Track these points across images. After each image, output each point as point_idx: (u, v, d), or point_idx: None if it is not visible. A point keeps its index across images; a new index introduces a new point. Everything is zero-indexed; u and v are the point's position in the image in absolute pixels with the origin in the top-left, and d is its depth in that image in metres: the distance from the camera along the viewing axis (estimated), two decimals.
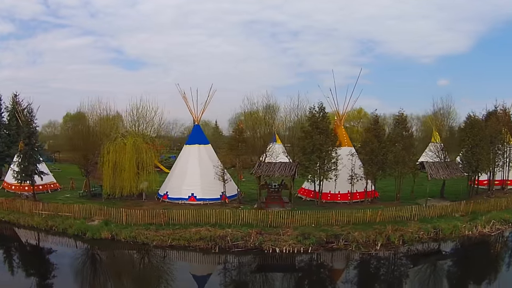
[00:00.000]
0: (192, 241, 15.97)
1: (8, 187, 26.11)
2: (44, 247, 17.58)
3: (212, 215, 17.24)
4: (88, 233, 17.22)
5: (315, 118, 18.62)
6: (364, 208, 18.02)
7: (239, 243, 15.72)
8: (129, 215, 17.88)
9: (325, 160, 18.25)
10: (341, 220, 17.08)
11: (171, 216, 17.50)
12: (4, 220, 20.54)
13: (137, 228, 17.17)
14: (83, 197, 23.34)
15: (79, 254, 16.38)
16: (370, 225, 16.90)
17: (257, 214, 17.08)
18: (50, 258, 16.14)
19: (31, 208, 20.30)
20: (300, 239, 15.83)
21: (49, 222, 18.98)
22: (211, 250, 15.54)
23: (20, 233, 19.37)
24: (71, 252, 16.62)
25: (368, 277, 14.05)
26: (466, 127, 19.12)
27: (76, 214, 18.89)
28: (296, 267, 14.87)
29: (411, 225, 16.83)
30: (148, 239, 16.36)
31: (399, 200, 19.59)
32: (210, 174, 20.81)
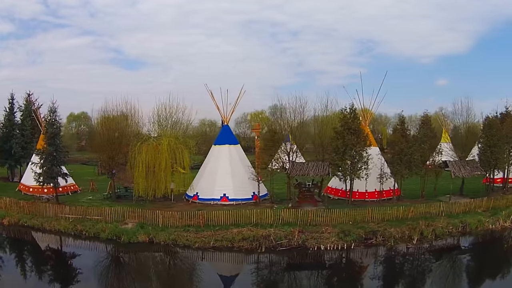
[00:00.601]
0: (235, 242, 15.97)
1: (25, 190, 24.98)
2: (80, 253, 16.57)
3: (252, 215, 17.31)
4: (124, 237, 16.60)
5: (347, 119, 19.45)
6: (394, 205, 18.83)
7: (283, 242, 15.98)
8: (165, 217, 17.62)
9: (356, 160, 19.06)
10: (375, 217, 17.81)
11: (210, 217, 17.51)
12: (27, 225, 19.57)
13: (175, 230, 16.91)
14: (108, 199, 22.68)
15: (121, 259, 15.91)
16: (403, 221, 17.63)
17: (297, 213, 17.42)
18: (90, 264, 15.11)
19: (56, 211, 19.42)
20: (341, 236, 16.31)
21: (78, 226, 18.14)
22: (257, 250, 15.60)
23: (48, 238, 18.43)
24: (110, 257, 16.10)
25: (415, 269, 14.82)
26: (484, 127, 20.68)
27: (107, 217, 18.24)
28: (343, 263, 15.30)
29: (440, 220, 17.82)
30: (189, 241, 16.14)
31: (424, 197, 20.71)
32: (241, 174, 20.97)
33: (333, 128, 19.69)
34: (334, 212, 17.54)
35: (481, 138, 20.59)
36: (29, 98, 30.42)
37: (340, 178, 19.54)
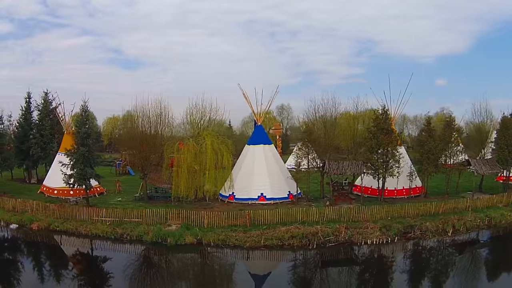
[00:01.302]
0: (285, 240, 16.45)
1: (49, 192, 24.26)
2: (129, 257, 16.21)
3: (298, 214, 17.92)
4: (171, 239, 16.52)
5: (379, 120, 20.54)
6: (426, 201, 20.06)
7: (331, 238, 16.82)
8: (211, 217, 18.02)
9: (389, 158, 20.22)
10: (410, 212, 18.91)
11: (256, 216, 18.00)
12: (59, 230, 18.92)
13: (222, 230, 17.24)
14: (140, 200, 22.50)
15: (174, 262, 15.95)
16: (435, 216, 18.79)
17: (340, 211, 18.37)
18: (146, 268, 15.22)
19: (91, 214, 18.93)
20: (383, 230, 17.26)
21: (118, 230, 17.77)
22: (308, 246, 16.23)
23: (87, 243, 17.96)
24: (163, 260, 16.08)
25: (461, 258, 16.19)
26: (501, 127, 22.34)
27: (148, 219, 18.10)
28: (392, 255, 16.24)
29: (468, 215, 19.25)
30: (239, 241, 16.43)
31: (448, 194, 22.15)
32: (277, 173, 21.52)
33: (366, 129, 20.71)
34: (374, 209, 18.53)
35: (498, 138, 22.26)
36: (46, 97, 29.66)
37: (373, 176, 20.62)
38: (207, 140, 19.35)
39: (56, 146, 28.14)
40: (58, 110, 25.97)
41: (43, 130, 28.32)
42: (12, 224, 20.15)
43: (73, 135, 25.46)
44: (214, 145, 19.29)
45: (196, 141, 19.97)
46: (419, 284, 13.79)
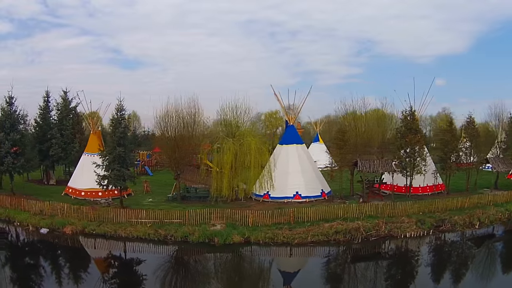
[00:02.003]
0: (330, 236, 17.39)
1: (75, 194, 23.89)
2: (184, 259, 16.58)
3: (339, 210, 18.90)
4: (218, 238, 16.88)
5: (407, 120, 21.87)
6: (451, 197, 21.53)
7: (372, 232, 18.03)
8: (256, 216, 18.71)
9: (416, 156, 21.61)
10: (439, 207, 20.26)
11: (299, 214, 18.78)
12: (95, 233, 18.50)
13: (268, 228, 17.89)
14: (174, 200, 22.72)
15: (232, 261, 16.35)
16: (461, 210, 20.31)
17: (378, 207, 19.54)
18: (201, 269, 15.61)
19: (129, 216, 18.79)
20: (418, 224, 18.66)
21: (161, 231, 17.76)
22: (353, 241, 17.27)
23: (131, 247, 17.61)
24: (218, 260, 16.45)
25: (493, 247, 17.83)
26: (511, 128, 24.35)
27: (191, 220, 18.30)
28: (433, 246, 17.71)
29: (491, 209, 20.97)
30: (286, 238, 17.14)
31: (469, 190, 23.83)
32: (310, 172, 22.45)
33: (396, 129, 21.99)
34: (407, 205, 19.81)
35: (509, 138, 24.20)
36: (65, 96, 29.08)
37: (402, 174, 21.98)
38: (250, 140, 19.91)
39: (78, 146, 27.87)
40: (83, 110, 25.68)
41: (64, 130, 27.73)
42: (42, 228, 19.64)
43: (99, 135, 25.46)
44: (257, 144, 19.88)
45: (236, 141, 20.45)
46: (466, 271, 15.21)
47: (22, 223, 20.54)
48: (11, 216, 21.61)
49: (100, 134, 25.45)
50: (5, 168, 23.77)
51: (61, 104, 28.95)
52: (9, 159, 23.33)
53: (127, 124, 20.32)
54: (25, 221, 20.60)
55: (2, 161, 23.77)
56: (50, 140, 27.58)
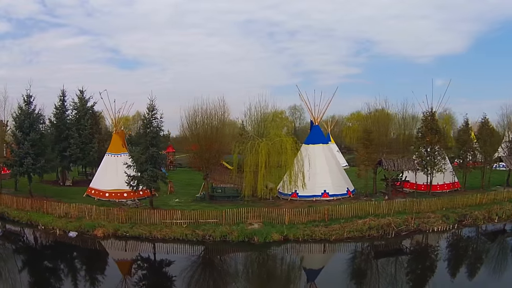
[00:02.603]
0: (364, 231, 18.42)
1: (99, 195, 23.84)
2: (233, 258, 16.94)
3: (371, 207, 19.99)
4: (257, 237, 17.45)
5: (428, 121, 23.30)
6: (467, 194, 23.02)
7: (403, 227, 19.25)
8: (292, 214, 19.53)
9: (437, 155, 23.09)
10: (459, 203, 21.66)
11: (333, 211, 19.71)
12: (129, 235, 18.40)
13: (304, 226, 18.66)
14: (202, 200, 23.18)
15: (275, 259, 17.04)
16: (480, 206, 21.85)
17: (405, 204, 20.64)
18: (248, 267, 16.02)
19: (163, 217, 18.99)
20: (444, 219, 20.10)
21: (198, 232, 18.03)
22: (387, 236, 18.38)
23: (171, 248, 17.77)
24: (266, 257, 16.94)
25: None
26: None
27: (228, 219, 18.81)
28: (462, 239, 19.34)
29: (506, 205, 22.69)
30: (323, 234, 17.98)
31: (483, 187, 25.44)
32: (336, 171, 23.54)
33: (418, 129, 23.38)
34: (431, 201, 21.12)
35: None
36: (82, 96, 28.83)
37: (424, 172, 23.41)
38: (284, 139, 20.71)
39: (97, 146, 27.83)
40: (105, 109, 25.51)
41: (82, 130, 27.63)
42: (71, 232, 19.29)
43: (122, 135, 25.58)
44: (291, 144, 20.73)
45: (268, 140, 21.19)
46: (496, 259, 16.73)
47: (47, 227, 20.14)
48: (33, 219, 20.97)
49: (123, 134, 25.62)
50: (24, 170, 23.48)
51: (78, 103, 28.65)
52: (28, 160, 23.00)
53: (159, 124, 20.44)
54: (49, 225, 20.08)
55: (21, 162, 23.42)
56: (67, 140, 27.32)
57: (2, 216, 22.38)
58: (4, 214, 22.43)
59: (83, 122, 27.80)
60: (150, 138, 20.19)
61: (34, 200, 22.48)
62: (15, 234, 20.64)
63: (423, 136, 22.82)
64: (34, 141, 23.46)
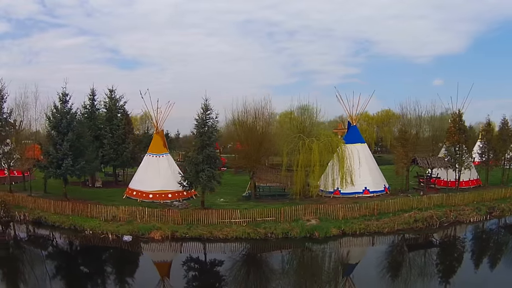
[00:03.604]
0: (411, 224, 21.35)
1: (142, 196, 24.71)
2: (296, 254, 18.54)
3: (414, 202, 23.05)
4: (318, 232, 19.62)
5: (456, 121, 26.65)
6: (492, 189, 26.74)
7: (443, 219, 22.31)
8: (346, 210, 21.89)
9: (464, 153, 26.52)
10: (486, 197, 25.29)
11: (381, 207, 22.43)
12: (188, 237, 19.28)
13: (357, 220, 21.17)
14: (249, 199, 25.12)
15: (341, 251, 19.43)
16: (504, 199, 25.60)
17: (442, 198, 23.90)
18: (322, 260, 18.00)
19: (222, 217, 20.41)
20: (476, 211, 23.54)
21: (260, 230, 19.56)
22: (432, 227, 21.49)
23: (237, 247, 19.00)
24: (327, 251, 19.06)
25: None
26: None
27: (286, 216, 20.65)
28: (500, 227, 22.84)
29: None
30: (377, 227, 20.69)
31: (504, 183, 29.39)
32: (374, 169, 26.48)
33: (447, 129, 26.69)
34: (463, 196, 24.58)
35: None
36: (112, 95, 29.31)
37: (453, 169, 26.73)
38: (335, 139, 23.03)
39: (131, 147, 28.60)
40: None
41: (115, 130, 28.27)
42: (125, 236, 19.68)
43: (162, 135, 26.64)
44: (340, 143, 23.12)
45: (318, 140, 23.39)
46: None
47: (95, 231, 20.38)
48: (77, 224, 21.13)
49: (163, 134, 26.67)
50: (63, 171, 23.81)
51: (108, 103, 29.16)
52: (68, 162, 23.32)
53: (214, 124, 21.73)
54: (98, 229, 20.35)
55: (58, 164, 23.75)
56: (100, 140, 27.86)
57: (39, 221, 22.55)
58: (41, 219, 22.51)
59: (115, 122, 28.34)
60: (207, 137, 21.41)
61: (76, 203, 22.79)
62: (63, 240, 20.67)
63: (452, 136, 26.02)
64: (73, 141, 23.89)
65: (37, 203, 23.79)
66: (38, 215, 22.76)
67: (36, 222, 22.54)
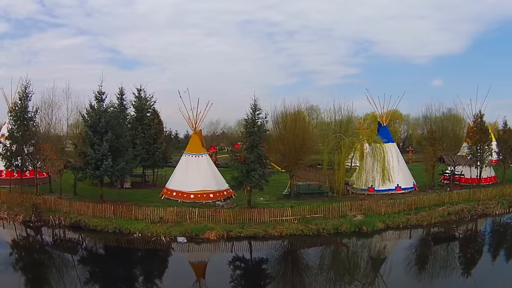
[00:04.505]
0: (445, 217, 24.72)
1: (183, 197, 25.93)
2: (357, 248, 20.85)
3: (445, 197, 26.56)
4: (366, 227, 22.15)
5: (478, 122, 30.21)
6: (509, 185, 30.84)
7: (472, 212, 25.77)
8: (387, 205, 24.66)
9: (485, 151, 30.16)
10: (507, 192, 29.27)
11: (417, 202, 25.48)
12: (243, 235, 20.64)
13: (397, 215, 24.09)
14: (288, 197, 27.32)
15: (393, 243, 22.06)
16: None
17: (468, 193, 27.58)
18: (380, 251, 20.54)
19: (274, 215, 22.17)
20: (500, 205, 27.32)
21: (311, 226, 21.63)
22: (464, 219, 24.99)
23: (295, 243, 20.83)
24: (379, 243, 21.71)
25: None
26: None
27: (332, 213, 22.98)
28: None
29: None
30: (417, 221, 23.82)
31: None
32: (404, 167, 29.61)
33: (470, 129, 30.20)
34: (486, 191, 28.47)
35: None
36: (140, 94, 30.07)
37: (475, 167, 30.29)
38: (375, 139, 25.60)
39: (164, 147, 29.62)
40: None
41: (146, 130, 29.17)
42: (180, 238, 20.59)
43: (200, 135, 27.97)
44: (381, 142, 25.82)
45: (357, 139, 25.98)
46: None
47: (144, 234, 21.08)
48: (123, 226, 21.67)
49: (201, 134, 27.98)
50: (102, 173, 24.49)
51: (137, 102, 29.93)
52: (108, 163, 24.02)
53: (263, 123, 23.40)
54: (146, 231, 21.06)
55: (97, 165, 24.44)
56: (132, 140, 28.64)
57: (77, 225, 22.70)
58: (80, 223, 22.71)
59: (147, 121, 29.17)
60: (258, 137, 23.16)
61: (118, 205, 23.46)
62: (114, 245, 21.08)
63: (474, 135, 29.55)
64: (112, 141, 24.66)
65: (72, 206, 24.08)
66: (76, 219, 23.07)
67: (74, 227, 22.85)
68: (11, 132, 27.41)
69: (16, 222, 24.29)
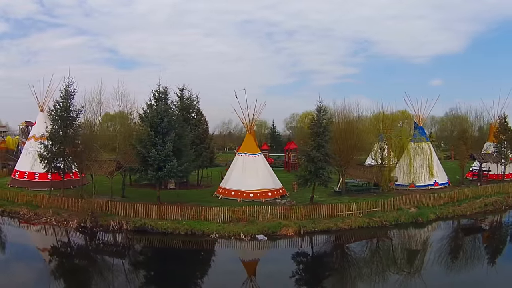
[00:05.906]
0: (482, 207, 30.64)
1: (242, 196, 28.71)
2: (415, 237, 25.00)
3: (480, 190, 32.64)
4: (422, 218, 26.63)
5: (502, 122, 36.23)
6: None
7: (504, 203, 31.76)
8: (435, 199, 29.44)
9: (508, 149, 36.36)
10: None
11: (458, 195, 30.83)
12: (317, 230, 23.46)
13: (444, 207, 29.52)
14: (340, 193, 31.43)
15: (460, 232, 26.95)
16: None
17: (498, 187, 33.64)
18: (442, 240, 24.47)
19: (341, 210, 25.61)
20: None
21: (375, 219, 25.25)
22: (499, 209, 31.06)
23: (363, 235, 24.14)
24: (438, 231, 26.25)
25: None
26: None
27: (388, 207, 27.34)
28: None
29: None
30: (462, 211, 29.48)
31: None
32: (439, 164, 34.82)
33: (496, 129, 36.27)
34: None
35: None
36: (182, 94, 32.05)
37: (500, 164, 36.30)
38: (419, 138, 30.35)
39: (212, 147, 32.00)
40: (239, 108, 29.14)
41: (194, 130, 31.74)
42: (259, 235, 22.85)
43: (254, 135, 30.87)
44: None
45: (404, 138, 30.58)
46: None
47: (221, 234, 22.91)
48: (195, 228, 23.32)
49: (255, 134, 30.86)
50: (165, 174, 26.07)
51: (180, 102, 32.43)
52: (173, 163, 25.60)
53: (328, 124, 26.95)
54: (223, 232, 22.86)
55: (159, 166, 25.98)
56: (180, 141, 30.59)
57: (143, 229, 23.86)
58: (145, 227, 23.89)
59: (193, 121, 31.33)
60: (328, 137, 27.05)
61: (185, 207, 24.92)
62: (194, 247, 22.34)
63: (499, 135, 35.53)
64: (175, 141, 26.67)
65: (132, 209, 25.11)
66: (140, 222, 24.27)
67: (139, 231, 23.96)
68: (51, 133, 28.47)
69: (69, 228, 24.84)
